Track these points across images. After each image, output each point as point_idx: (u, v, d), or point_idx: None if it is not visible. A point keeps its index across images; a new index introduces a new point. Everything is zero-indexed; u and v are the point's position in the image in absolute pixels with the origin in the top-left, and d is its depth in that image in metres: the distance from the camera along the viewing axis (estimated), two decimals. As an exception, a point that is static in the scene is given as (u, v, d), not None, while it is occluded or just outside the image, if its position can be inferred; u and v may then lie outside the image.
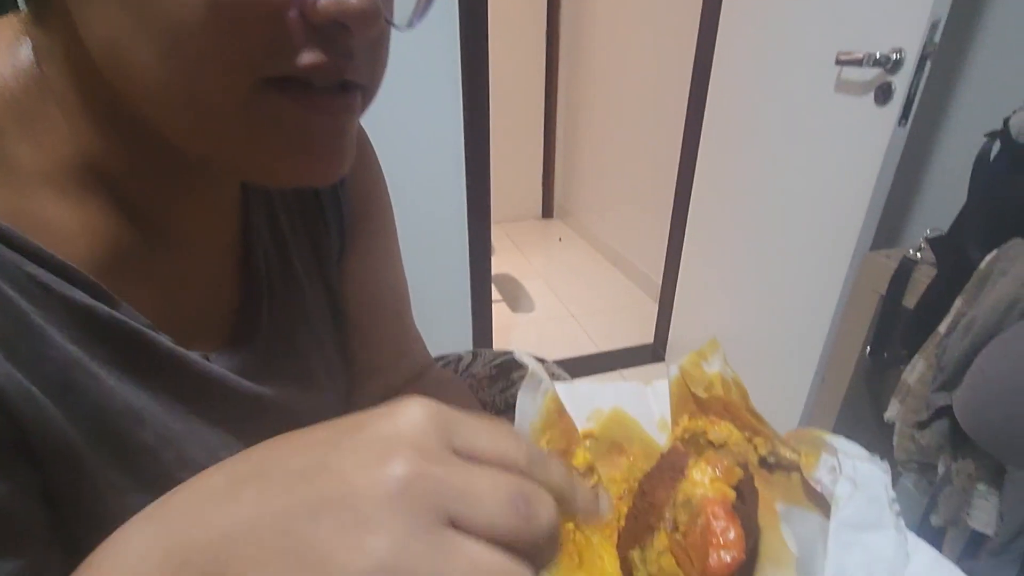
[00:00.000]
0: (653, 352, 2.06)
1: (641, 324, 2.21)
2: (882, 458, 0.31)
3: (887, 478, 0.29)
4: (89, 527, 0.28)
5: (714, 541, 0.28)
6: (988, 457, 0.79)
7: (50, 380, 0.26)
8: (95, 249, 0.29)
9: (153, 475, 0.31)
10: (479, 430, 0.20)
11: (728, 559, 0.28)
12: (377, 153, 0.51)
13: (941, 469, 0.87)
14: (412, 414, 0.19)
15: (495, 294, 2.30)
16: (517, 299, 2.45)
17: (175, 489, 0.21)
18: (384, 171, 0.52)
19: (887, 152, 1.11)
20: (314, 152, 0.28)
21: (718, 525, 0.28)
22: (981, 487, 0.81)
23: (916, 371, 0.94)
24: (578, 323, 2.29)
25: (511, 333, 2.20)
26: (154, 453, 0.31)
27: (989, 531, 0.80)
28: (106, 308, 0.28)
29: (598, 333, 2.21)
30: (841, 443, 0.32)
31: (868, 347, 1.17)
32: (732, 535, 0.28)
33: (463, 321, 1.58)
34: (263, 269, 0.40)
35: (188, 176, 0.32)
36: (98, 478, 0.28)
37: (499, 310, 2.28)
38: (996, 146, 0.97)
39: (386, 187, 0.52)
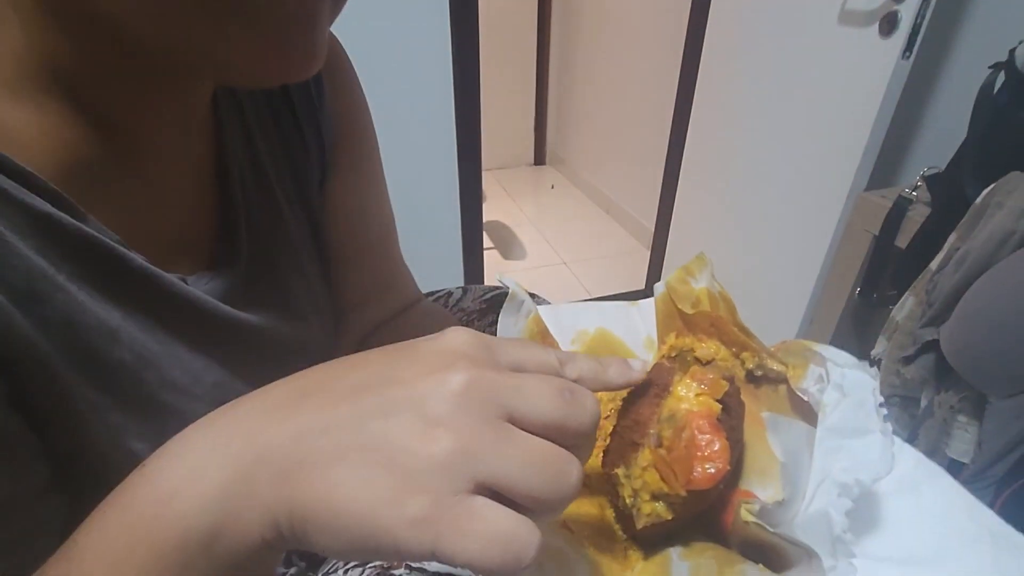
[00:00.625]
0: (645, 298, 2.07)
1: (633, 271, 2.21)
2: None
3: (875, 383, 0.29)
4: (77, 447, 0.28)
5: (698, 454, 0.28)
6: (970, 389, 0.81)
7: (15, 289, 0.25)
8: (57, 158, 0.27)
9: (134, 395, 0.30)
10: (515, 345, 0.23)
11: (712, 471, 0.28)
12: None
13: (924, 402, 0.89)
14: (459, 334, 0.22)
15: (486, 242, 2.28)
16: (509, 246, 2.43)
17: (229, 404, 0.21)
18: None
19: (888, 87, 1.08)
20: (283, 41, 0.26)
21: (703, 438, 0.28)
22: (962, 418, 0.83)
23: (905, 308, 0.94)
24: (570, 270, 2.28)
25: (503, 281, 2.20)
26: (133, 372, 0.30)
27: (966, 459, 0.82)
28: (72, 219, 0.27)
29: (590, 280, 2.21)
30: (829, 352, 0.31)
31: (858, 288, 1.18)
32: (717, 447, 0.28)
33: (454, 269, 1.56)
34: (240, 193, 0.38)
35: (154, 82, 0.30)
36: (76, 395, 0.27)
37: (491, 258, 2.27)
38: (1000, 78, 0.94)
39: (369, 113, 0.49)
